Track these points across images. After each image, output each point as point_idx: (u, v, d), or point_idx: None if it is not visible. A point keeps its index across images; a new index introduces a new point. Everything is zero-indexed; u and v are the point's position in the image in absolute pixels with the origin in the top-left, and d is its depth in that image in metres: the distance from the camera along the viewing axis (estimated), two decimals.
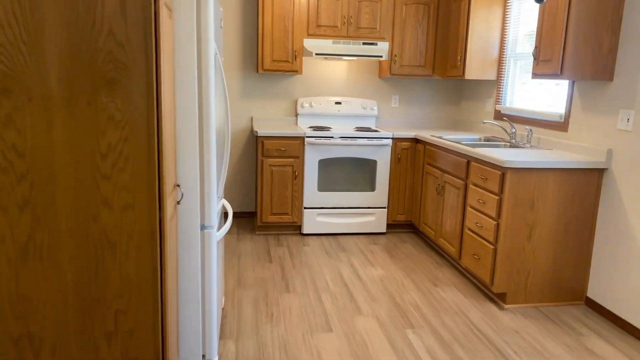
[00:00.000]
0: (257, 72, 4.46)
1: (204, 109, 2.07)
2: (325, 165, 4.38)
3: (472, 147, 3.53)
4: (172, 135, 1.89)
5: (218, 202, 2.42)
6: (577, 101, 3.29)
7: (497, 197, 3.05)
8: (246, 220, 4.88)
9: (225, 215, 4.54)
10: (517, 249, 3.07)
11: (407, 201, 4.57)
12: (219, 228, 2.45)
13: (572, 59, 2.94)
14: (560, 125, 3.46)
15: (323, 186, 4.40)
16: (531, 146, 3.62)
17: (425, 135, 4.27)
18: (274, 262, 3.75)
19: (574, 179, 3.03)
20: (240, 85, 4.76)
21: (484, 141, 4.18)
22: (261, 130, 4.25)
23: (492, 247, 3.11)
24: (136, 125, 1.58)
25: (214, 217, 2.19)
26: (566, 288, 3.17)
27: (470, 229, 3.40)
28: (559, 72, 2.98)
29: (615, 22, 2.92)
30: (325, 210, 4.44)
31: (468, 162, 3.46)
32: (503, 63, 4.24)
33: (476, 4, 4.14)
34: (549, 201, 3.04)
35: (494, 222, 3.08)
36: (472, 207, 3.37)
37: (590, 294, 3.16)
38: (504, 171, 3.00)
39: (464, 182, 3.51)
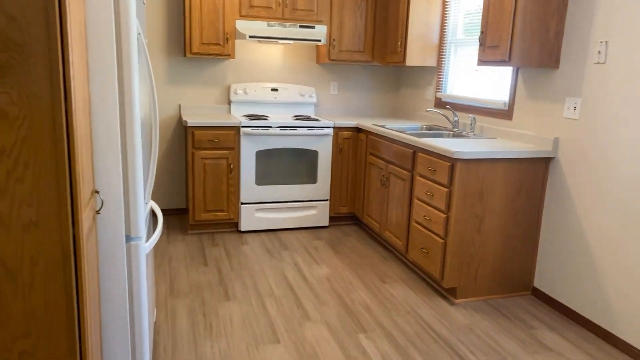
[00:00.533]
0: (185, 55, 4.07)
1: (126, 99, 1.73)
2: (263, 157, 4.10)
3: (417, 136, 3.39)
4: (87, 132, 1.55)
5: (146, 208, 2.09)
6: (522, 89, 3.24)
7: (447, 190, 2.93)
8: (177, 218, 4.50)
9: (154, 219, 4.15)
10: (466, 242, 2.98)
11: (350, 193, 4.40)
12: (148, 238, 2.12)
13: (520, 45, 2.85)
14: (505, 113, 3.41)
15: (261, 179, 4.12)
16: (475, 135, 3.55)
17: (367, 124, 4.10)
18: (210, 265, 3.45)
19: (521, 168, 2.98)
20: (165, 70, 4.34)
21: (427, 130, 4.08)
22: (191, 120, 3.88)
23: (441, 241, 3.00)
24: (37, 123, 1.24)
25: (142, 226, 1.87)
26: (514, 279, 3.14)
27: (418, 222, 3.28)
28: (507, 59, 2.89)
29: (561, 8, 2.86)
30: (264, 205, 4.17)
31: (414, 153, 3.32)
32: (443, 49, 4.14)
33: None
34: (497, 192, 2.96)
35: (444, 216, 2.97)
36: (419, 200, 3.25)
37: (537, 283, 3.15)
38: (453, 162, 2.89)
39: (410, 174, 3.37)
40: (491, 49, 3.02)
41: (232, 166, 4.03)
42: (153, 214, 4.06)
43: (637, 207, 2.46)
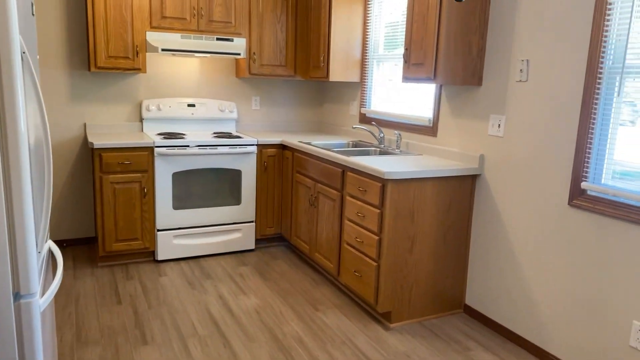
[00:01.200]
0: (89, 70, 3.68)
1: (9, 128, 1.43)
2: (181, 178, 3.80)
3: (344, 154, 3.28)
4: None
5: (40, 257, 1.77)
6: (445, 105, 3.24)
7: (378, 211, 2.83)
8: (85, 249, 4.05)
9: (53, 261, 3.68)
10: (399, 263, 2.89)
11: (277, 213, 4.21)
12: (44, 292, 1.80)
13: (445, 63, 2.83)
14: (429, 129, 3.39)
15: (179, 203, 3.82)
16: (401, 151, 3.51)
17: (293, 140, 3.94)
18: (124, 303, 3.10)
19: (450, 186, 2.95)
20: (67, 86, 3.91)
21: (354, 146, 3.99)
22: (98, 141, 3.51)
23: (374, 263, 2.89)
24: None
25: (34, 280, 1.56)
26: (446, 298, 3.10)
27: (349, 244, 3.15)
28: (432, 77, 2.86)
29: (482, 26, 2.88)
30: (183, 231, 3.86)
31: (343, 172, 3.20)
32: (366, 64, 4.09)
33: (337, 2, 3.91)
34: (427, 211, 2.91)
35: (376, 237, 2.86)
36: (350, 221, 3.12)
37: (469, 301, 3.14)
38: (384, 183, 2.79)
39: (339, 193, 3.25)
40: (416, 67, 2.97)
41: (146, 190, 3.69)
42: (52, 255, 3.61)
43: (559, 223, 2.49)
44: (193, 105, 4.25)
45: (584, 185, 2.35)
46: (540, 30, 2.56)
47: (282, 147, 4.11)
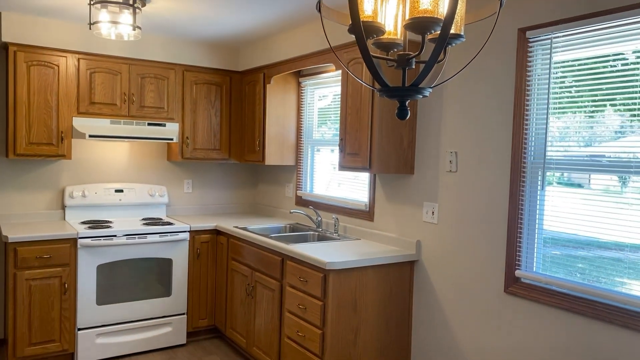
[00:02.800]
0: (7, 156, 3.44)
1: None
2: (106, 271, 3.54)
3: (282, 239, 3.22)
4: None
5: None
6: (381, 191, 3.31)
7: (321, 303, 2.76)
8: None
9: None
10: (344, 357, 2.79)
11: (210, 303, 3.99)
12: None
13: (379, 153, 2.92)
14: (366, 214, 3.43)
15: (104, 298, 3.53)
16: (339, 236, 3.51)
17: (228, 225, 3.83)
18: None
19: (390, 273, 2.96)
20: None
21: (291, 230, 3.95)
22: (13, 235, 3.22)
23: None
24: None
25: None
26: None
27: (290, 338, 3.02)
28: (367, 167, 2.93)
29: (412, 119, 3.03)
30: (107, 329, 3.54)
31: (283, 261, 3.13)
32: (301, 148, 4.15)
33: (271, 89, 4.01)
34: (369, 300, 2.88)
35: (319, 331, 2.77)
36: (291, 313, 3.02)
37: None
38: (325, 273, 2.75)
39: (279, 283, 3.15)
40: (351, 156, 3.05)
41: (66, 286, 3.39)
42: None
43: (497, 310, 2.54)
44: (121, 191, 4.07)
45: (517, 273, 2.44)
46: (466, 125, 2.73)
47: (217, 232, 3.99)
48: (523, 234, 2.45)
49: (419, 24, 1.19)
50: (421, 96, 1.28)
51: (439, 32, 1.29)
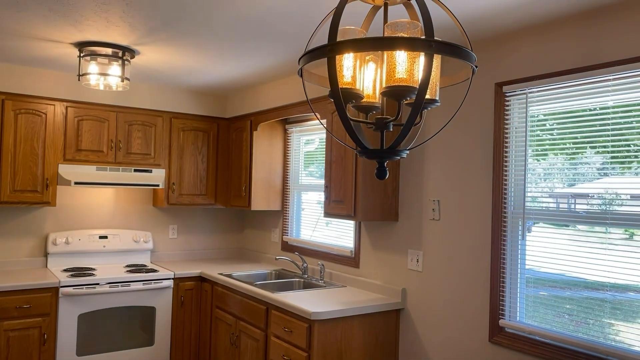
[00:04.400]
0: None
1: None
2: (87, 320, 3.46)
3: (267, 287, 3.20)
4: None
5: None
6: (366, 237, 3.33)
7: (306, 354, 2.73)
8: None
9: None
10: None
11: (194, 353, 3.91)
12: None
13: (364, 201, 2.96)
14: (351, 260, 3.44)
15: (84, 348, 3.44)
16: (325, 282, 3.49)
17: (212, 272, 3.80)
18: None
19: (375, 322, 2.94)
20: None
21: (276, 277, 3.93)
22: None
23: None
24: None
25: None
26: None
27: None
28: (352, 214, 2.96)
29: (395, 167, 3.09)
30: None
31: (267, 310, 3.10)
32: (287, 193, 4.18)
33: (258, 135, 4.07)
34: (355, 350, 2.85)
35: None
36: None
37: None
38: (310, 323, 2.73)
39: (263, 333, 3.11)
40: (337, 204, 3.08)
41: (46, 336, 3.31)
42: None
43: (479, 357, 2.53)
44: (105, 237, 4.03)
45: (501, 322, 2.45)
46: (448, 174, 2.79)
47: (201, 279, 3.95)
48: (506, 281, 2.47)
49: (394, 92, 1.24)
50: (398, 157, 1.33)
51: (414, 98, 1.35)
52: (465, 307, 2.65)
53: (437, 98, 1.36)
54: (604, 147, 2.14)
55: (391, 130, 1.37)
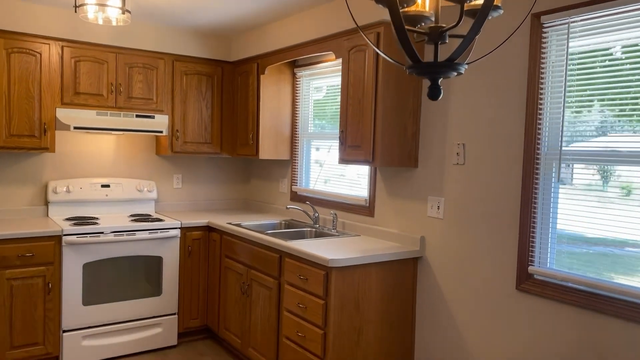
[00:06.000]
0: None
1: None
2: (93, 269, 3.36)
3: (279, 236, 3.08)
4: None
5: None
6: (381, 185, 3.19)
7: (323, 302, 2.63)
8: None
9: None
10: (347, 358, 2.67)
11: (203, 303, 3.83)
12: None
13: (382, 145, 2.80)
14: (366, 209, 3.31)
15: (90, 298, 3.35)
16: (338, 232, 3.38)
17: (221, 222, 3.67)
18: None
19: (393, 271, 2.84)
20: None
21: (287, 227, 3.81)
22: None
23: None
24: None
25: None
26: None
27: (289, 339, 2.89)
28: (370, 160, 2.81)
29: (416, 109, 2.91)
30: (94, 330, 3.37)
31: (281, 258, 2.99)
32: (296, 142, 4.01)
33: (265, 80, 3.85)
34: (372, 298, 2.76)
35: (321, 332, 2.64)
36: (290, 312, 2.88)
37: None
38: (328, 271, 2.62)
39: (276, 281, 3.01)
40: (353, 149, 2.92)
41: (50, 285, 3.20)
42: None
43: (508, 308, 2.44)
44: (107, 186, 3.88)
45: (530, 269, 2.34)
46: (475, 115, 2.62)
47: (209, 229, 3.83)
48: (537, 228, 2.35)
49: None
50: (456, 73, 1.16)
51: (476, 1, 1.17)
52: (490, 255, 2.54)
53: (500, 5, 1.18)
54: None
55: (447, 42, 1.19)
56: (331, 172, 3.70)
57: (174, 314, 3.69)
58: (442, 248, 2.80)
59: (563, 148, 2.24)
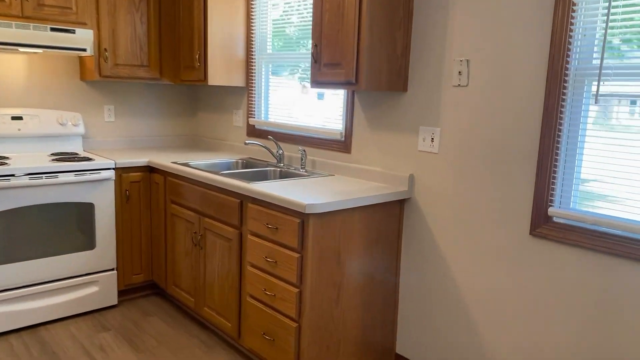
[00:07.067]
0: None
1: None
2: (6, 220, 2.71)
3: (238, 177, 2.54)
4: None
5: None
6: (361, 115, 2.68)
7: (297, 255, 2.16)
8: None
9: None
10: (325, 319, 2.25)
11: (146, 255, 3.28)
12: None
13: (370, 62, 2.26)
14: (341, 145, 2.81)
15: (5, 255, 2.72)
16: (307, 172, 2.87)
17: (164, 161, 3.07)
18: None
19: (377, 216, 2.39)
20: None
21: (244, 167, 3.26)
22: None
23: (294, 324, 2.20)
24: None
25: None
26: (376, 350, 2.53)
27: (254, 297, 2.42)
28: (354, 81, 2.27)
29: (407, 17, 2.37)
30: (11, 294, 2.77)
31: (242, 204, 2.47)
32: (253, 66, 3.39)
33: None
34: (354, 249, 2.32)
35: (295, 290, 2.18)
36: (255, 267, 2.40)
37: (399, 349, 2.62)
38: (303, 218, 2.13)
39: (237, 231, 2.50)
40: (331, 68, 2.36)
41: None
42: None
43: (518, 257, 2.07)
44: (20, 118, 3.14)
45: (551, 211, 1.95)
46: (483, 25, 2.12)
47: (150, 169, 3.22)
48: (559, 162, 1.94)
49: None
50: None
51: None
52: (497, 193, 2.13)
53: None
54: None
55: None
56: (298, 101, 3.13)
57: (112, 269, 3.13)
58: (436, 188, 2.37)
59: (595, 63, 1.79)
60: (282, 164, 3.05)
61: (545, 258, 1.99)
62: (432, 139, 2.35)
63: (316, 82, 2.45)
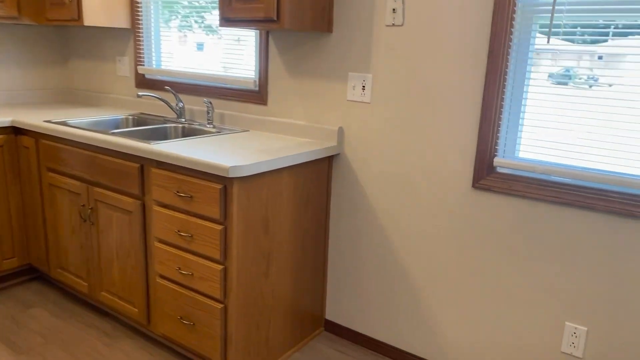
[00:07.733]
0: None
1: None
2: None
3: (129, 135, 2.10)
4: None
5: None
6: (277, 61, 2.35)
7: (220, 227, 1.83)
8: None
9: None
10: (254, 296, 1.98)
11: (19, 235, 2.70)
12: None
13: None
14: (255, 95, 2.46)
15: None
16: (216, 128, 2.50)
17: (33, 120, 2.48)
18: None
19: (306, 176, 2.13)
20: None
21: (136, 125, 2.77)
22: None
23: (219, 305, 1.90)
24: None
25: None
26: (306, 320, 2.33)
27: (166, 278, 2.06)
28: (275, 17, 1.92)
29: None
30: None
31: (142, 168, 2.05)
32: (139, 2, 2.84)
33: None
34: (283, 214, 2.04)
35: (219, 267, 1.87)
36: (164, 243, 2.03)
37: (329, 315, 2.44)
38: (226, 183, 1.79)
39: (139, 202, 2.09)
40: (245, 2, 1.98)
41: None
42: None
43: (460, 211, 1.95)
44: None
45: (496, 161, 1.83)
46: None
47: (15, 131, 2.60)
48: (505, 107, 1.81)
49: None
50: None
51: None
52: (436, 145, 1.97)
53: None
54: None
55: None
56: (198, 43, 2.69)
57: None
58: (368, 141, 2.15)
59: None
60: (183, 119, 2.63)
61: (490, 212, 1.89)
62: (363, 86, 2.11)
63: (226, 19, 2.05)
